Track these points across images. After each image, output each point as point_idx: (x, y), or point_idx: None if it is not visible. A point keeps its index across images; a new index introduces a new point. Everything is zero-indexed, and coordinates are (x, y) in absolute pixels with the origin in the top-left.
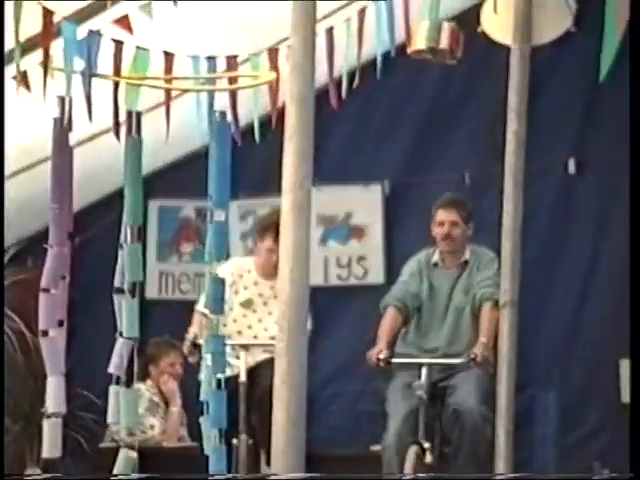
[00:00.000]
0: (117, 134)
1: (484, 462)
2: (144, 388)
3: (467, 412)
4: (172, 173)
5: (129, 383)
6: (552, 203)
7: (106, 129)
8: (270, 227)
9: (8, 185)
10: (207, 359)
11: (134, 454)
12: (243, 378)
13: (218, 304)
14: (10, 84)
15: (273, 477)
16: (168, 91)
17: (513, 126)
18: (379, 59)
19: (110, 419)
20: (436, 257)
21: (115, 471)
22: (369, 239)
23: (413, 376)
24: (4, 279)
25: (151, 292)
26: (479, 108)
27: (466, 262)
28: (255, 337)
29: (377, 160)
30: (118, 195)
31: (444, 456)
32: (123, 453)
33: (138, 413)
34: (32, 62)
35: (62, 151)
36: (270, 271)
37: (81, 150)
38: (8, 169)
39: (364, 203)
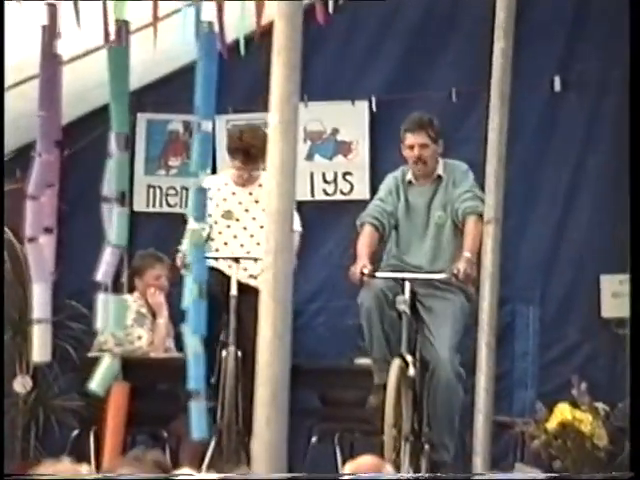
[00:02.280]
0: (108, 43)
1: (456, 419)
2: (131, 300)
3: (442, 370)
4: (161, 87)
5: (117, 293)
6: (537, 120)
7: (100, 45)
8: (237, 150)
9: None
10: (189, 268)
11: (116, 361)
12: (234, 291)
13: (200, 212)
14: None
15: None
16: (155, 1)
17: (500, 43)
18: None
19: (99, 326)
20: (410, 175)
21: (95, 376)
22: (355, 155)
23: (385, 282)
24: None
25: (139, 205)
26: (466, 25)
27: (439, 177)
28: (242, 245)
29: (364, 77)
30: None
31: (425, 368)
32: (106, 360)
33: (125, 321)
34: None
35: (50, 59)
36: (246, 179)
37: (73, 64)
38: None
39: (351, 119)
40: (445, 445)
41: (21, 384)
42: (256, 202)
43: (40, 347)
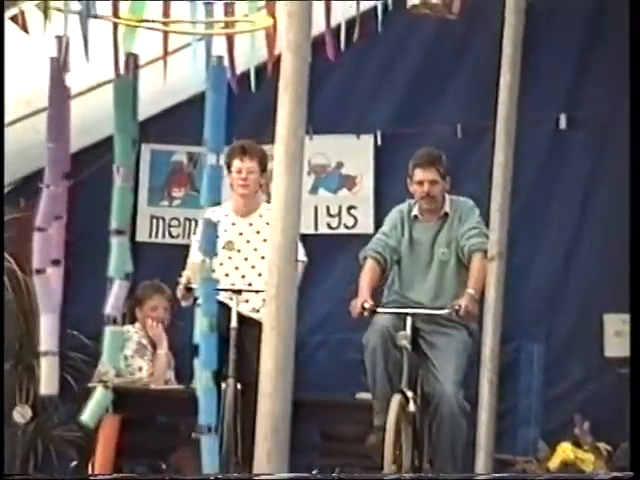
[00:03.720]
0: (118, 75)
1: (460, 453)
2: (132, 330)
3: (445, 403)
4: (165, 118)
5: (117, 325)
6: (543, 158)
7: (109, 79)
8: (234, 149)
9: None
10: (199, 302)
11: (109, 393)
12: (234, 324)
13: (211, 247)
14: (9, 32)
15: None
16: (165, 34)
17: (506, 80)
18: (380, 11)
19: (104, 359)
20: (416, 210)
21: (88, 408)
22: (360, 189)
23: (390, 321)
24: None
25: (142, 236)
26: (473, 61)
27: (446, 214)
28: (243, 276)
29: (370, 111)
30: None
31: (426, 404)
32: (99, 392)
33: (125, 357)
34: (30, 3)
35: (59, 90)
36: (245, 208)
37: (84, 96)
38: (7, 118)
39: (356, 153)
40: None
41: (20, 414)
42: (257, 233)
43: (47, 380)
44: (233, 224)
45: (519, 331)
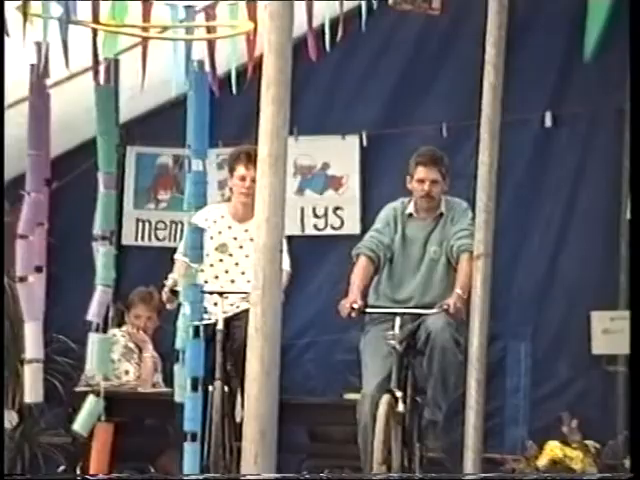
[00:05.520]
0: (97, 80)
1: (453, 386)
2: (119, 334)
3: (438, 332)
4: (150, 120)
5: (105, 330)
6: (528, 156)
7: (84, 72)
8: (239, 155)
9: None
10: (184, 307)
11: (101, 401)
12: (220, 326)
13: (197, 253)
14: None
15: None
16: (145, 39)
17: (490, 78)
18: (364, 11)
19: (88, 365)
20: (411, 208)
21: (79, 416)
22: (346, 189)
23: (386, 329)
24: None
25: (128, 239)
26: (457, 60)
27: (441, 214)
28: (232, 281)
29: (355, 111)
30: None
31: (415, 405)
32: (90, 401)
33: (112, 361)
34: (11, 7)
35: (39, 97)
36: (243, 214)
37: (60, 95)
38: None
39: (341, 154)
40: (438, 404)
41: (7, 419)
42: (251, 240)
43: (32, 388)
44: (229, 227)
45: (506, 330)
